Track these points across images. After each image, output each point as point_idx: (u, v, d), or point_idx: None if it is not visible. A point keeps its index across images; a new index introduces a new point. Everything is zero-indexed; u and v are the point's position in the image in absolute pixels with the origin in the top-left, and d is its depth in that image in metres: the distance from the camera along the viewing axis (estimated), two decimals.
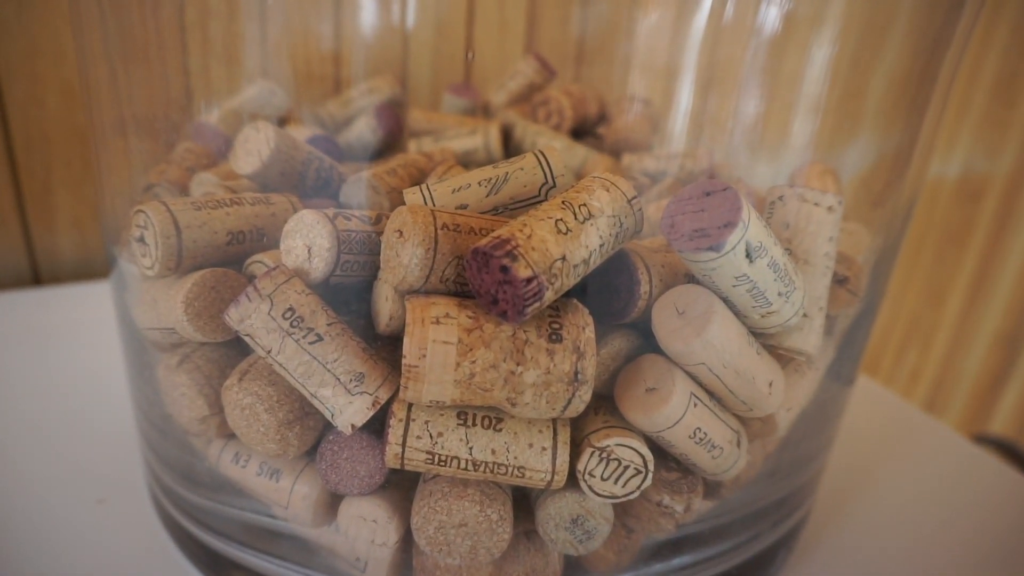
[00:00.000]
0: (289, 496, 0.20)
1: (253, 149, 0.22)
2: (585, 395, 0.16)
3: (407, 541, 0.20)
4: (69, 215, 0.46)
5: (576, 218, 0.16)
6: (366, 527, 0.19)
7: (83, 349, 0.36)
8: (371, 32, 0.33)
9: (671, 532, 0.19)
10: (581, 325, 0.16)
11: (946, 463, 0.33)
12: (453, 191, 0.19)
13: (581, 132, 0.37)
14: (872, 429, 0.36)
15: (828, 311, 0.20)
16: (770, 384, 0.18)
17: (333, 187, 0.24)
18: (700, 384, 0.18)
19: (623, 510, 0.19)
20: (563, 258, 0.16)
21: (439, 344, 0.16)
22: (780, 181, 0.26)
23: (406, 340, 0.16)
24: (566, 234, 0.16)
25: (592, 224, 0.16)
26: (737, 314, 0.17)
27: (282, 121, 0.32)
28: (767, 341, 0.19)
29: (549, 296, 0.16)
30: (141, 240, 0.19)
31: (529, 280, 0.15)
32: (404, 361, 0.16)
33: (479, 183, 0.19)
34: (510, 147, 0.35)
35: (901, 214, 0.24)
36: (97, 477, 0.27)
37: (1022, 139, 0.75)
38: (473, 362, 0.16)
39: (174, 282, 0.19)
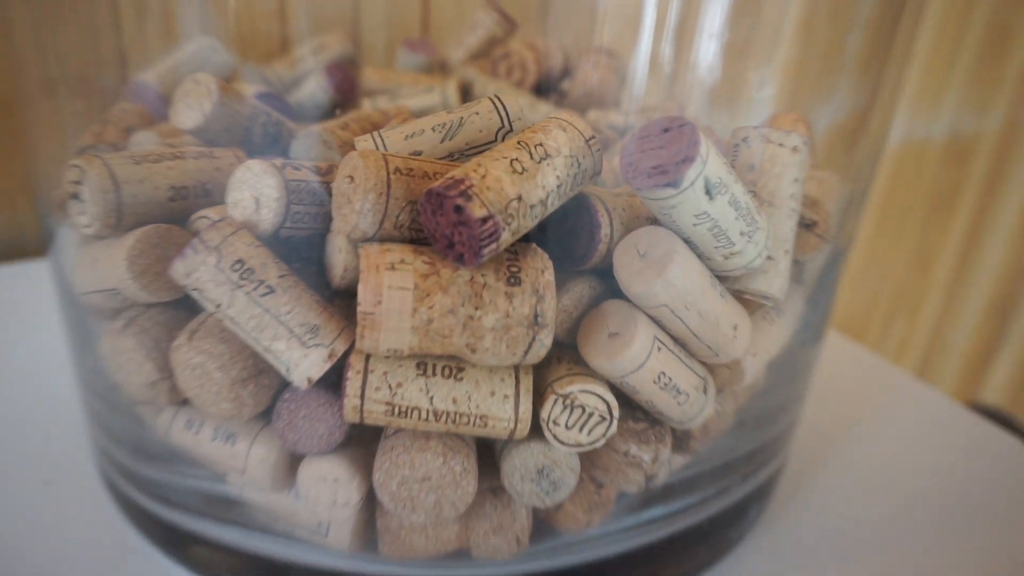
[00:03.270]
0: (246, 460, 0.20)
1: (194, 103, 0.23)
2: (546, 338, 0.17)
3: (370, 501, 0.20)
4: None
5: (532, 158, 0.17)
6: (327, 487, 0.20)
7: (19, 330, 0.36)
8: None
9: (640, 485, 0.20)
10: (540, 268, 0.17)
11: (934, 425, 0.35)
12: (406, 137, 0.20)
13: (545, 88, 0.38)
14: (857, 390, 0.37)
15: (796, 255, 0.21)
16: (735, 328, 0.19)
17: (282, 144, 0.25)
18: (663, 328, 0.19)
19: (591, 462, 0.20)
20: (519, 198, 0.16)
21: (395, 290, 0.17)
22: None
23: (360, 287, 0.17)
24: (522, 174, 0.17)
25: (549, 164, 0.17)
26: (700, 256, 0.18)
27: (226, 80, 0.32)
28: (732, 285, 0.20)
29: (506, 238, 0.16)
30: (77, 197, 0.19)
31: (485, 220, 0.16)
32: (359, 309, 0.17)
33: (433, 128, 0.20)
34: None
35: (868, 161, 0.26)
36: (42, 459, 0.28)
37: (1012, 95, 0.78)
38: (431, 307, 0.17)
39: (115, 241, 0.20)
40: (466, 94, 0.35)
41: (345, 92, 0.35)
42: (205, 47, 0.31)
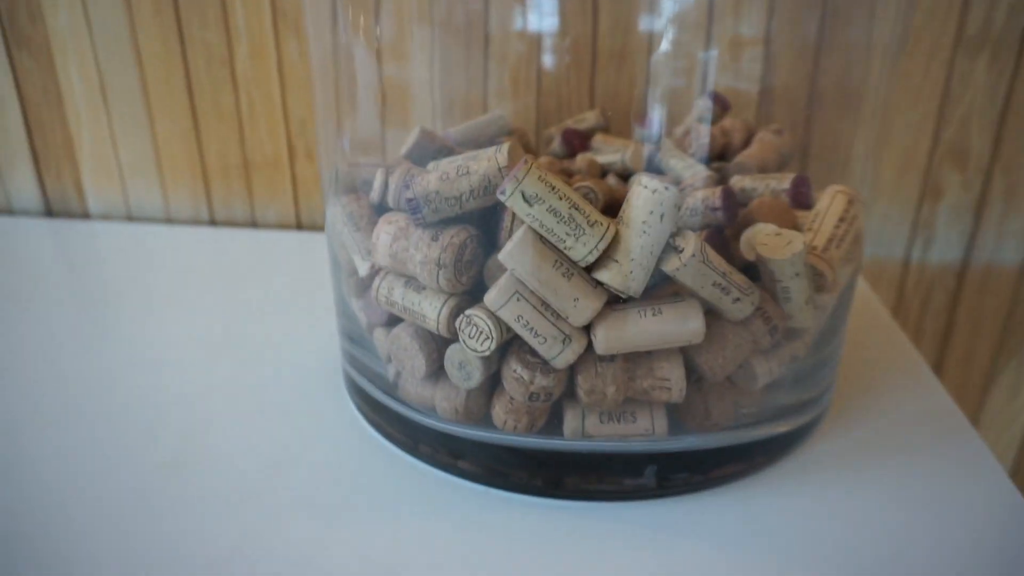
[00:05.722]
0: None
1: (408, 140, 0.38)
2: (445, 273, 0.28)
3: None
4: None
5: (458, 173, 0.28)
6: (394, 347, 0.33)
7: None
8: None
9: (523, 396, 0.28)
10: (452, 234, 0.28)
11: None
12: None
13: (725, 156, 0.44)
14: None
15: (664, 268, 0.26)
16: (575, 300, 0.26)
17: None
18: (528, 287, 0.27)
19: (502, 373, 0.29)
20: (437, 192, 0.27)
21: (383, 233, 0.29)
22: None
23: (375, 233, 0.30)
24: (446, 180, 0.27)
25: (466, 177, 0.27)
26: (555, 244, 0.26)
27: (509, 134, 0.46)
28: (592, 273, 0.26)
29: (427, 212, 0.28)
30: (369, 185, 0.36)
31: (410, 200, 0.27)
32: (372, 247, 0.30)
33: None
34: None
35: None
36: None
37: None
38: (397, 244, 0.29)
39: None
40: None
41: (576, 148, 0.47)
42: (497, 116, 0.46)
